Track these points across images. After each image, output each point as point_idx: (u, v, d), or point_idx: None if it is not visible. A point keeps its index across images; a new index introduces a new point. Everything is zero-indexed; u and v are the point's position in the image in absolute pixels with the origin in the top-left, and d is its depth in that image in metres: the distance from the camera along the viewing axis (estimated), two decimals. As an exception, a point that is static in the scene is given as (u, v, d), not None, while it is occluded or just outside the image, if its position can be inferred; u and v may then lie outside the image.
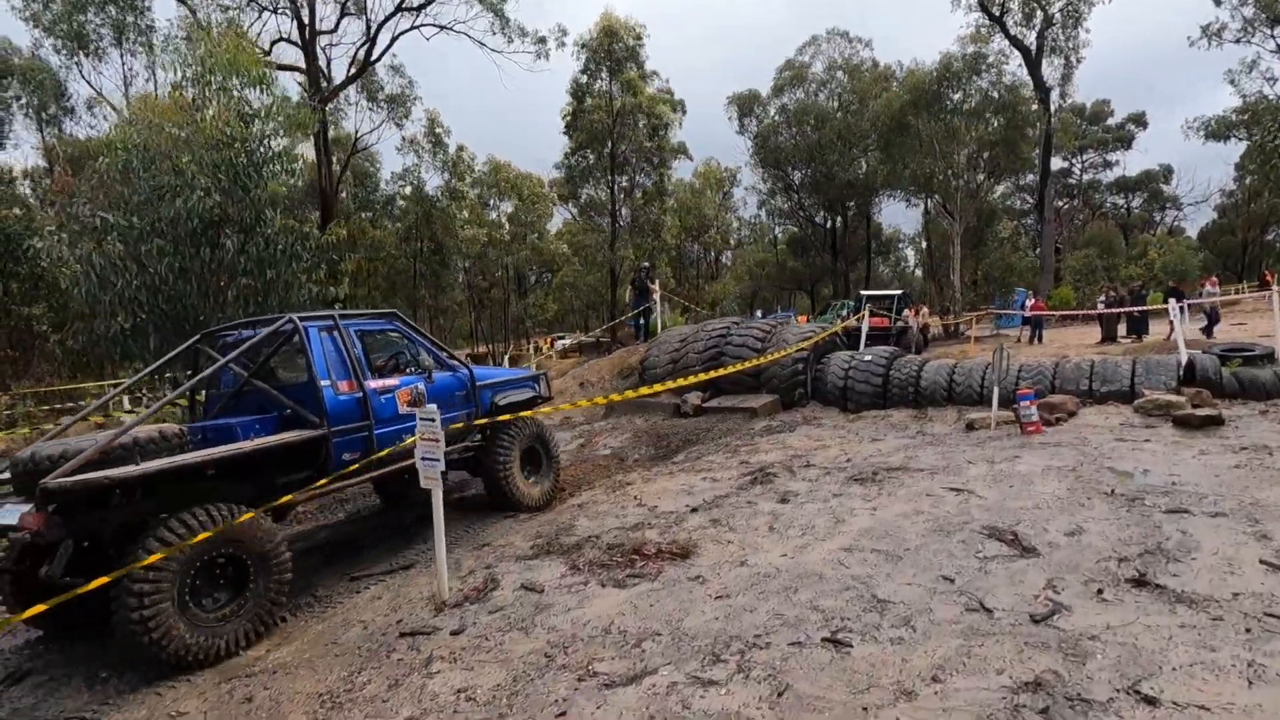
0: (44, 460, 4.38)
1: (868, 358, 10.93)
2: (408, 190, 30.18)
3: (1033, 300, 21.41)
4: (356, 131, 27.98)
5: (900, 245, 64.04)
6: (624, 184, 26.72)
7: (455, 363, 6.73)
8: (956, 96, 25.56)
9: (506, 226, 32.28)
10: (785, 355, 11.17)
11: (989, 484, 5.87)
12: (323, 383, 5.31)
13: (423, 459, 4.73)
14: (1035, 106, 28.83)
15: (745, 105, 46.86)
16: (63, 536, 4.16)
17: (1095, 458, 6.49)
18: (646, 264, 16.33)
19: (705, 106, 62.73)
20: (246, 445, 4.85)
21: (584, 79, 25.06)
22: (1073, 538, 4.55)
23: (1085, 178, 57.91)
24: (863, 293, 21.61)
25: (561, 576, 4.84)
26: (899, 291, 20.67)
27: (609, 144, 25.29)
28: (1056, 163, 51.82)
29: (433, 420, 4.69)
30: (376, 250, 30.53)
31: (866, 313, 14.01)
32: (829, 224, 51.59)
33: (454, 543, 5.86)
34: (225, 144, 8.61)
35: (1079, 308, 28.91)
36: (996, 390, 8.62)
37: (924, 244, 44.46)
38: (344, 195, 34.44)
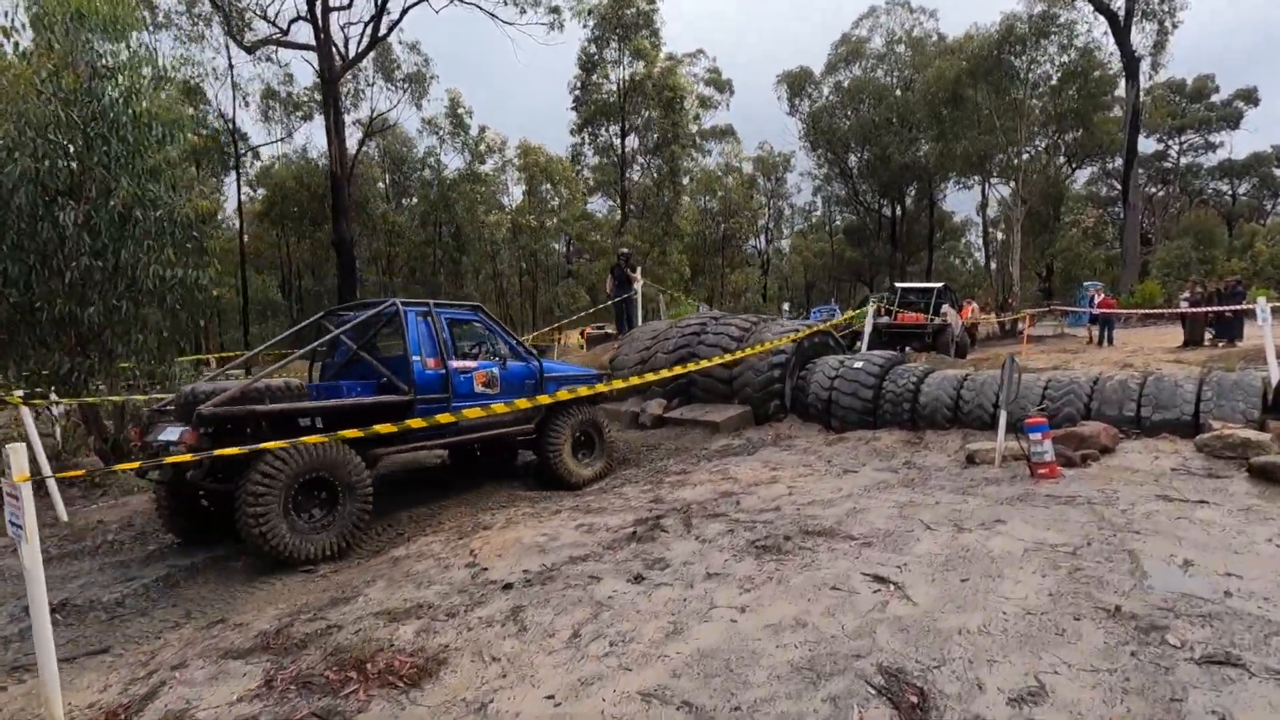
0: (200, 394, 5.40)
1: (857, 365, 8.89)
2: (426, 173, 29.15)
3: (1100, 296, 18.46)
4: (373, 112, 27.06)
5: (969, 234, 59.73)
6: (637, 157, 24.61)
7: (528, 355, 7.54)
8: (1020, 63, 22.45)
9: (531, 213, 30.83)
10: (755, 354, 9.24)
11: (934, 574, 3.92)
12: (414, 358, 6.34)
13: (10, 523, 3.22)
14: (1118, 76, 25.33)
15: (796, 84, 44.06)
16: (207, 450, 4.81)
17: (1116, 529, 4.42)
18: (626, 250, 14.54)
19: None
20: (348, 401, 6.07)
21: (593, 49, 23.26)
22: (1019, 711, 2.63)
23: (1183, 161, 52.22)
24: (897, 285, 19.15)
25: (237, 700, 3.25)
26: (938, 284, 18.13)
27: (621, 119, 23.38)
28: (1149, 144, 46.87)
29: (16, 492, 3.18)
30: (397, 236, 29.74)
31: (872, 309, 11.81)
32: (892, 211, 48.30)
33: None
34: (68, 101, 7.34)
35: (1166, 306, 25.42)
36: (1004, 415, 6.51)
37: (980, 232, 40.71)
38: (380, 182, 33.89)
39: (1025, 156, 25.49)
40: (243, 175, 29.45)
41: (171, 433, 5.28)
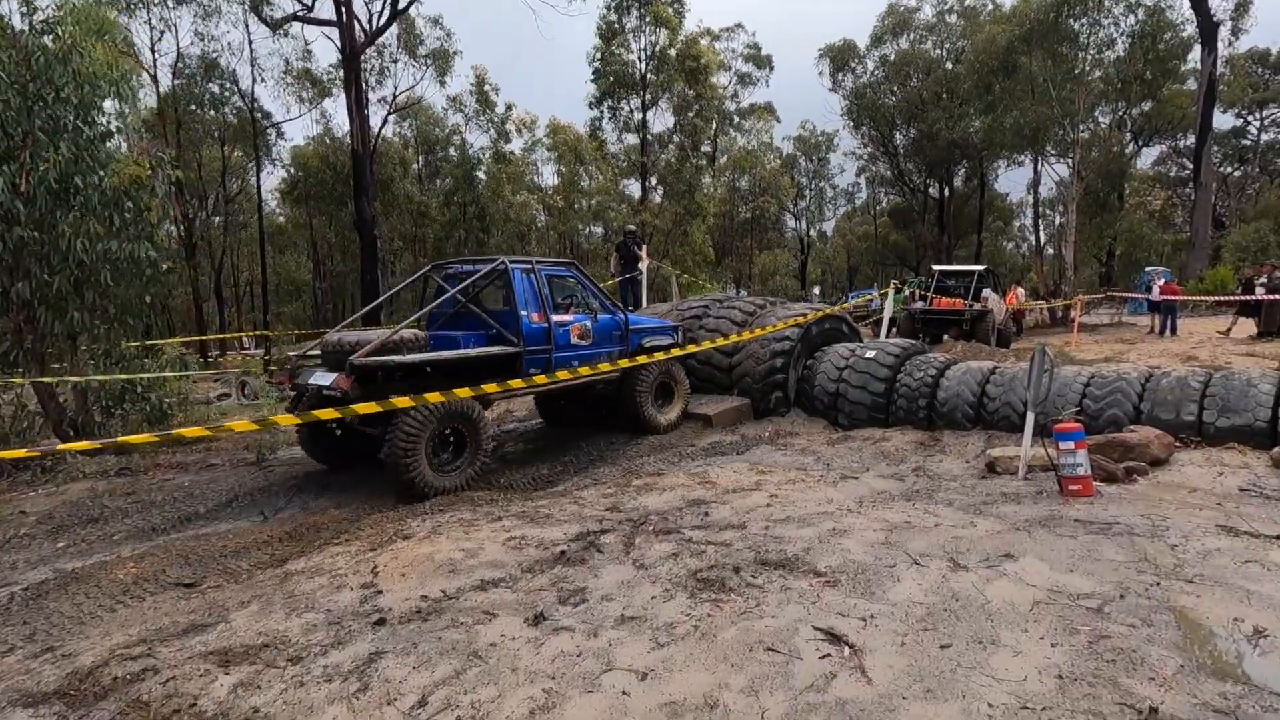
0: (345, 344, 6.03)
1: (869, 354, 7.85)
2: (451, 152, 28.53)
3: (1162, 281, 16.76)
4: (395, 90, 26.56)
5: (1023, 216, 56.70)
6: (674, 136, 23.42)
7: (615, 309, 7.95)
8: (1080, 26, 20.52)
9: (560, 194, 30.00)
10: (757, 339, 8.30)
11: (906, 634, 2.99)
12: (522, 312, 6.77)
13: None
14: (1193, 41, 23.12)
15: (839, 58, 42.00)
16: (359, 396, 5.58)
17: (1161, 575, 3.41)
18: (632, 227, 13.62)
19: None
20: (473, 351, 6.57)
21: (613, 16, 22.13)
22: None
23: (1264, 138, 48.27)
24: (934, 267, 17.74)
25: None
26: (979, 267, 16.68)
27: (642, 91, 22.22)
28: (1226, 119, 43.44)
29: None
30: (424, 217, 29.31)
31: (892, 291, 10.63)
32: (940, 192, 45.96)
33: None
34: (-2, 59, 6.78)
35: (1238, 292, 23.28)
36: (1031, 416, 5.45)
37: (1030, 212, 38.18)
38: (414, 163, 33.49)
39: (1084, 133, 23.47)
40: (274, 157, 29.51)
41: (324, 378, 5.84)
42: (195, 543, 5.42)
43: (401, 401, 5.32)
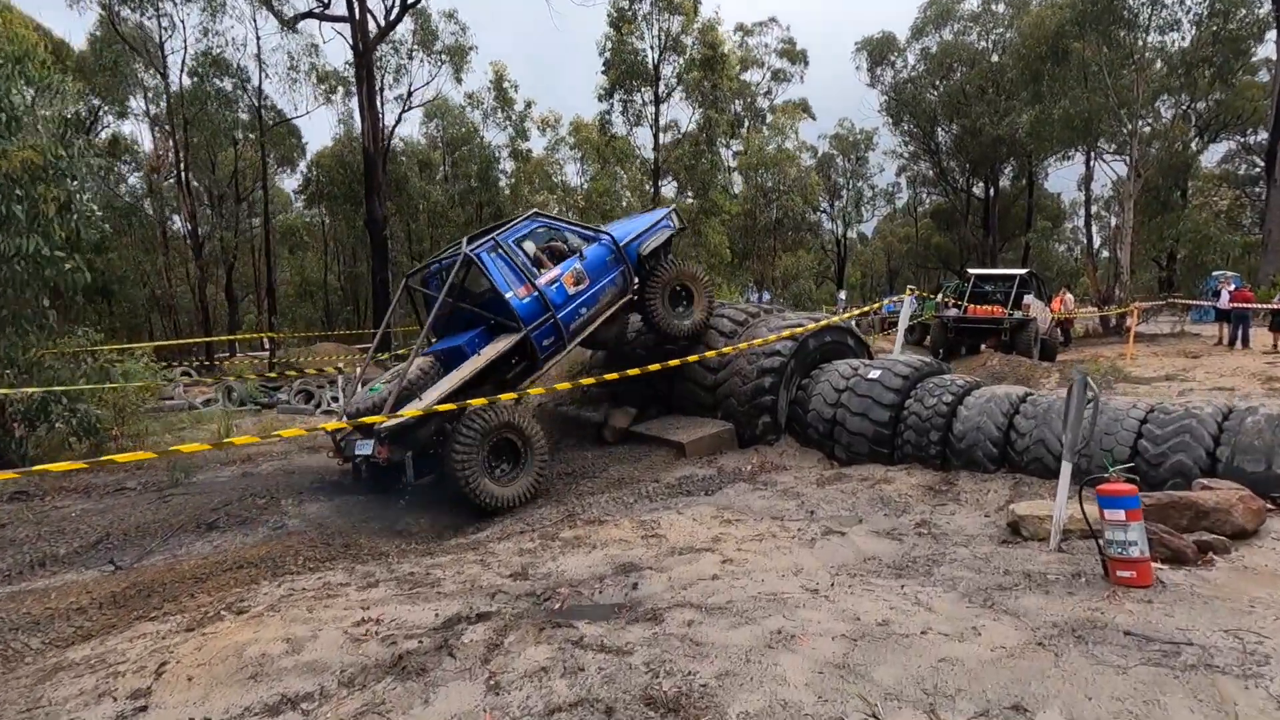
0: (364, 411, 6.21)
1: (873, 374, 6.54)
2: (470, 150, 27.73)
3: (1232, 287, 14.87)
4: (410, 88, 25.88)
5: (1075, 218, 53.69)
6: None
7: (598, 234, 7.51)
8: (1137, 4, 18.59)
9: (578, 192, 28.98)
10: (744, 353, 7.09)
11: None
12: (507, 294, 6.49)
13: None
14: (1268, 23, 20.88)
15: (878, 52, 40.18)
16: (401, 455, 6.05)
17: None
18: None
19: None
20: (480, 360, 6.37)
21: (624, 3, 20.89)
22: None
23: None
24: (970, 271, 16.10)
25: None
26: (1021, 271, 15.02)
27: (655, 81, 20.89)
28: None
29: None
30: (440, 217, 28.60)
31: (908, 298, 9.22)
32: (985, 191, 43.69)
33: None
34: None
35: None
36: (1067, 468, 4.13)
37: (1083, 211, 35.61)
38: (441, 166, 32.76)
39: (1144, 126, 21.40)
40: (291, 158, 29.17)
41: (365, 448, 6.01)
42: (16, 601, 4.46)
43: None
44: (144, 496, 6.68)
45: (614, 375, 6.84)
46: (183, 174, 21.69)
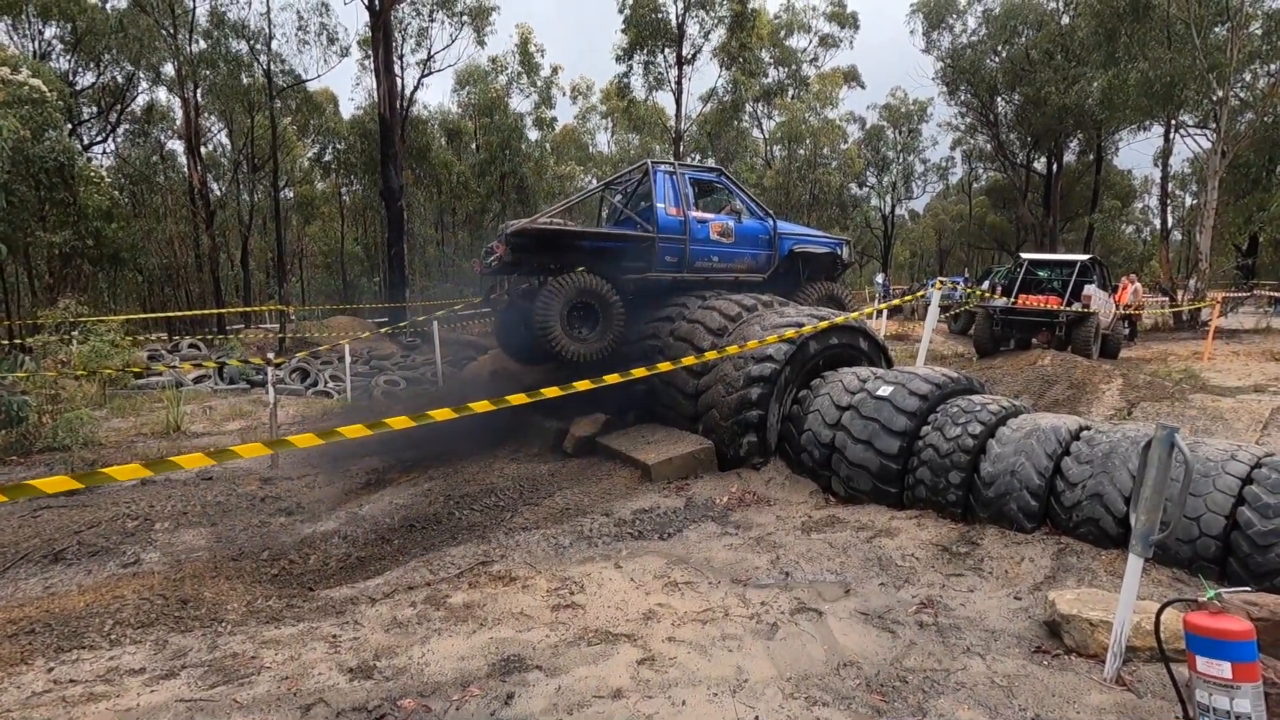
0: (508, 225, 7.16)
1: (883, 390, 5.21)
2: (494, 118, 26.56)
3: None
4: (430, 52, 24.70)
5: (1148, 197, 49.83)
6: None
7: (766, 214, 8.27)
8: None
9: (609, 164, 27.58)
10: (731, 358, 5.86)
11: None
12: (659, 205, 7.36)
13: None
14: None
15: (935, 14, 37.30)
16: (511, 261, 7.04)
17: None
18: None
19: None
20: (605, 229, 7.78)
21: (646, -45, 19.26)
22: None
23: None
24: (1023, 255, 14.29)
25: None
26: (1083, 257, 13.18)
27: (679, 41, 19.17)
28: None
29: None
30: (463, 188, 27.59)
31: (936, 291, 7.72)
32: (1048, 167, 40.64)
33: None
34: None
35: None
36: (1135, 562, 2.82)
37: (1157, 189, 32.52)
38: (473, 141, 31.70)
39: (1235, 95, 18.89)
40: (311, 126, 28.45)
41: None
42: None
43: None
44: (13, 510, 5.80)
45: (586, 385, 5.66)
46: (192, 138, 21.10)
